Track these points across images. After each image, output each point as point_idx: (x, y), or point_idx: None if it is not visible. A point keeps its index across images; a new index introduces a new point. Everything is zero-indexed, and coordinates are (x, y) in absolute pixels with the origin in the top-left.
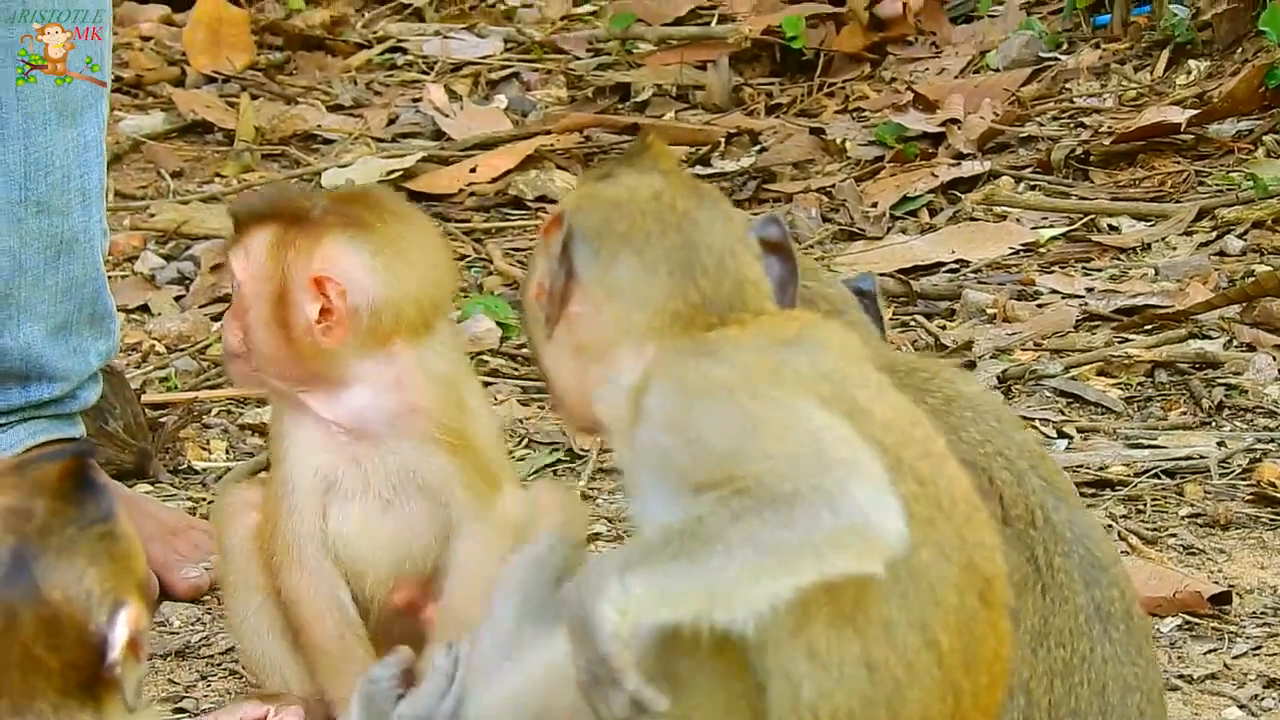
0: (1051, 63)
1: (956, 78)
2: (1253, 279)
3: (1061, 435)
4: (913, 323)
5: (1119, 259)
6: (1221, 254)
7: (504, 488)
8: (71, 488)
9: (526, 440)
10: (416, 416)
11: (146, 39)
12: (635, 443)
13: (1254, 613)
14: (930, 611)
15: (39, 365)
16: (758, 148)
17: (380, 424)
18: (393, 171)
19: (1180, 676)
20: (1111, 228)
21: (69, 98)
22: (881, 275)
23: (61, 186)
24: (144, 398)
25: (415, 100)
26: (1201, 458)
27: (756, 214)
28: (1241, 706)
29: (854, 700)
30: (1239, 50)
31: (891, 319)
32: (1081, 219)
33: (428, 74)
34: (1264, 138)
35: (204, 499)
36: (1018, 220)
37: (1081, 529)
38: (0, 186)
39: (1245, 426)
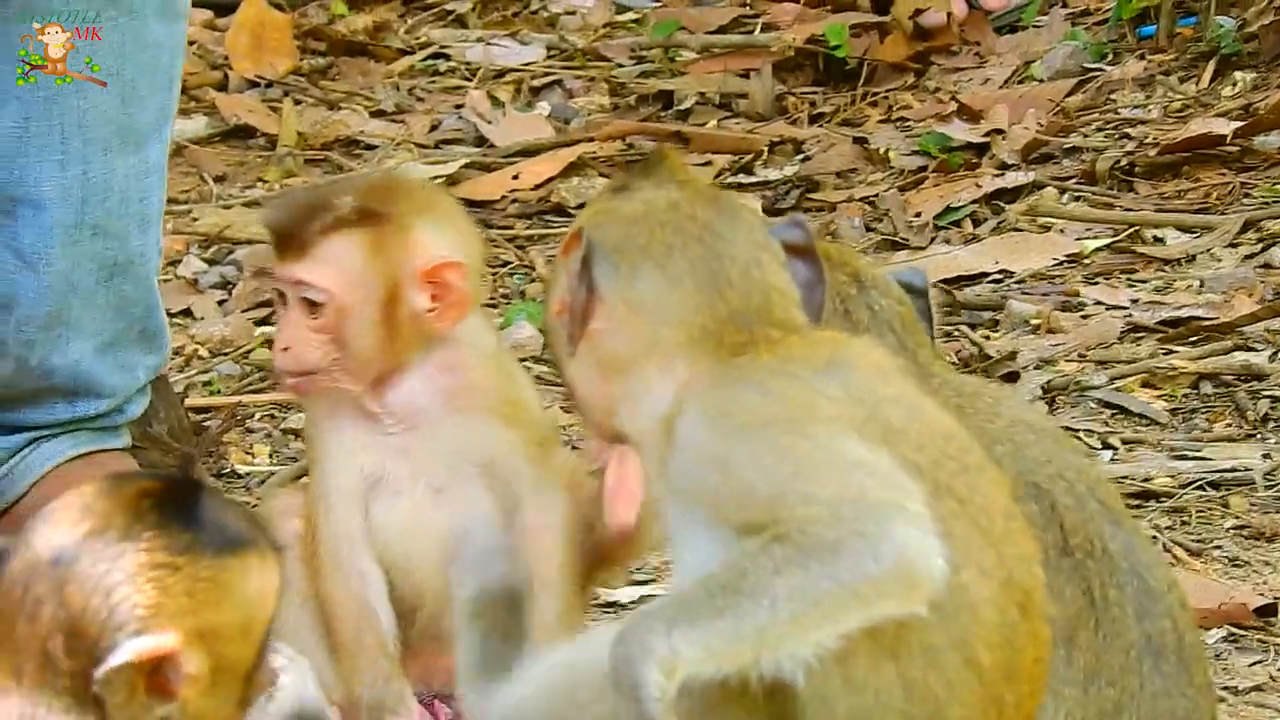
0: (1096, 73)
1: (1001, 88)
2: None
3: (1106, 446)
4: (956, 333)
5: (1164, 270)
6: (1267, 266)
7: (557, 450)
8: (154, 509)
9: (570, 446)
10: (473, 393)
11: (190, 43)
12: (669, 470)
13: None
14: (971, 630)
15: (86, 382)
16: (801, 157)
17: (436, 407)
18: (435, 178)
19: (1225, 688)
20: (1156, 239)
21: (134, 124)
22: None
23: (120, 211)
24: (187, 402)
25: (458, 106)
26: (1247, 470)
27: None
28: None
29: (892, 718)
30: None
31: (935, 329)
32: (1126, 230)
33: (470, 80)
34: None
35: (247, 503)
36: (1062, 231)
37: (1137, 557)
38: (58, 209)
39: None
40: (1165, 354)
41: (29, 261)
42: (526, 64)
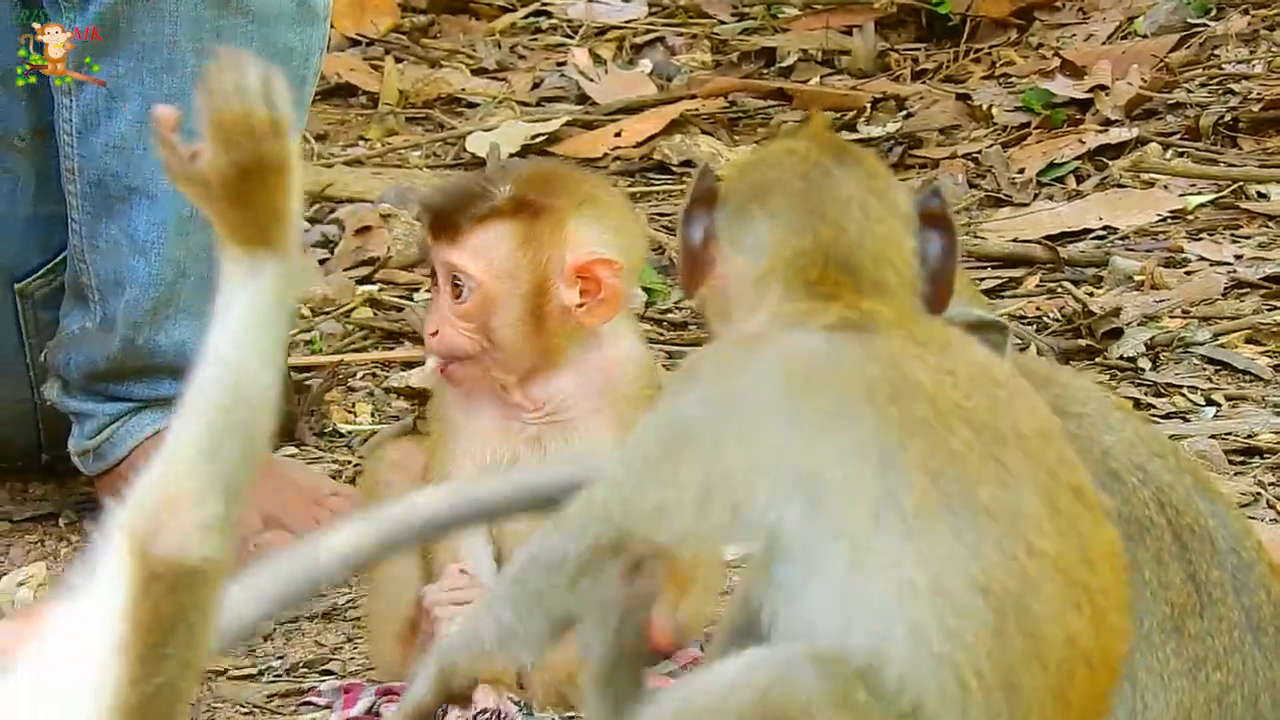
0: (1200, 29)
1: (1104, 44)
2: None
3: (1210, 403)
4: (1060, 289)
5: (1267, 226)
6: None
7: None
8: None
9: None
10: (617, 396)
11: None
12: None
13: None
14: (1023, 525)
15: (191, 360)
16: (904, 113)
17: (580, 405)
18: (537, 135)
19: None
20: (1260, 194)
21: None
22: (1028, 241)
23: None
24: (289, 360)
25: (560, 64)
26: None
27: (904, 179)
28: None
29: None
30: None
31: (1038, 285)
32: (1230, 186)
33: (572, 38)
34: None
35: (349, 462)
36: (1165, 187)
37: (1229, 530)
38: (172, 202)
39: None
40: (1269, 310)
41: (141, 249)
42: (628, 21)
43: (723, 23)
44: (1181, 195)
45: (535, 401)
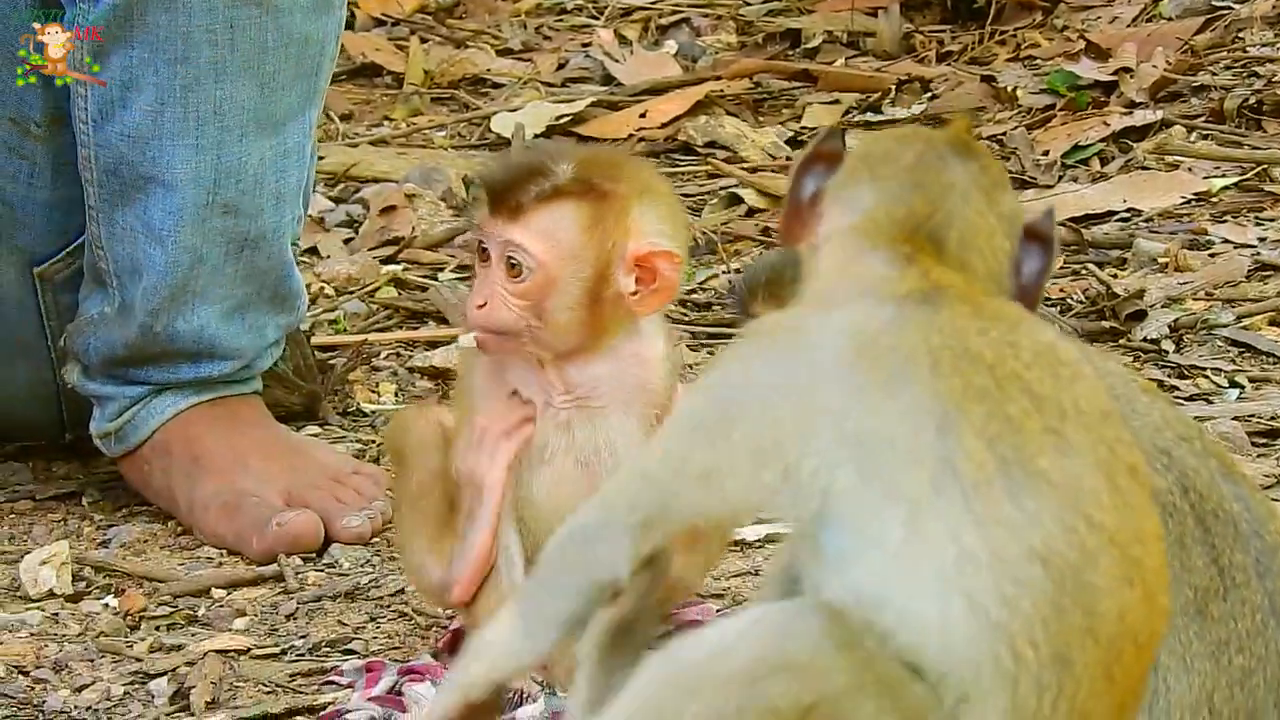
0: (1225, 11)
1: (1129, 26)
2: None
3: (1233, 385)
4: (1084, 271)
5: None
6: None
7: None
8: None
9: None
10: (646, 394)
11: None
12: None
13: None
14: (1082, 498)
15: (211, 345)
16: (928, 95)
17: (611, 394)
18: (562, 116)
19: None
20: None
21: (274, 111)
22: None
23: (254, 192)
24: (313, 340)
25: (585, 45)
26: None
27: None
28: None
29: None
30: None
31: (1063, 267)
32: (1254, 168)
33: (597, 19)
34: None
35: (373, 441)
36: (1190, 169)
37: (1254, 513)
38: (188, 190)
39: None
40: None
41: (157, 236)
42: (654, 2)
43: (748, 4)
44: (1205, 178)
45: (569, 384)
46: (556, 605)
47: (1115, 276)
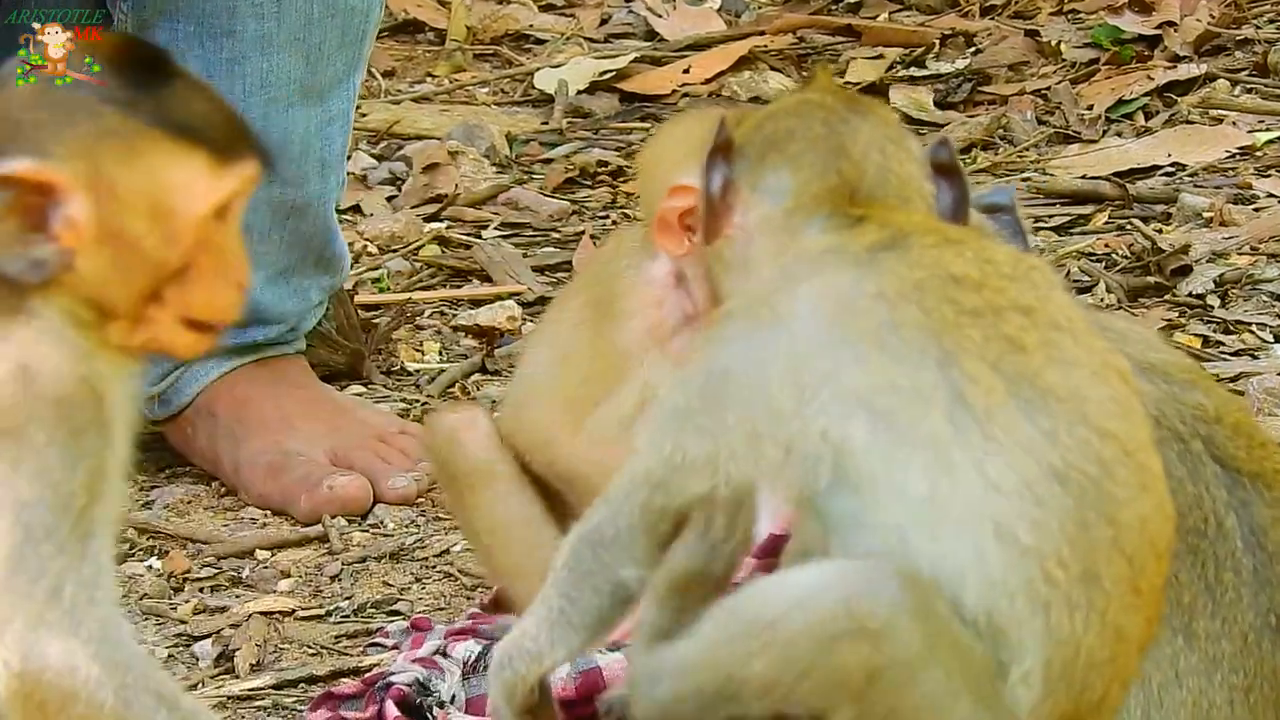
0: None
1: None
2: None
3: (1278, 340)
4: (1129, 226)
5: None
6: None
7: None
8: (121, 57)
9: None
10: None
11: None
12: None
13: None
14: (1090, 408)
15: (255, 310)
16: (972, 50)
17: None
18: (605, 72)
19: None
20: None
21: (318, 81)
22: (1097, 178)
23: (299, 161)
24: (356, 299)
25: (628, 0)
26: None
27: (973, 116)
28: None
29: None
30: None
31: (1107, 222)
32: None
33: None
34: None
35: (417, 401)
36: (1234, 124)
37: (1254, 521)
38: None
39: None
40: None
41: None
42: None
43: None
44: (1250, 132)
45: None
46: (581, 611)
47: (1160, 231)
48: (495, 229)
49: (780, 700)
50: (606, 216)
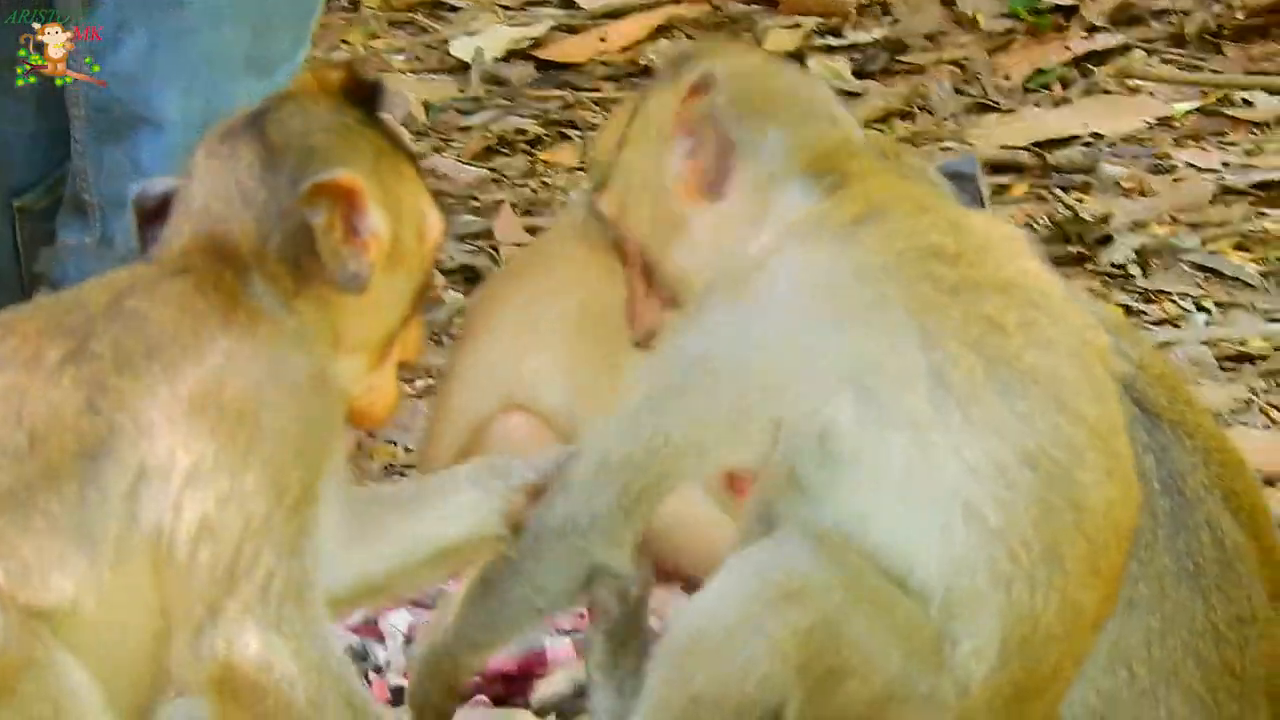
0: None
1: None
2: None
3: (1200, 309)
4: (1049, 196)
5: (1254, 133)
6: None
7: None
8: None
9: None
10: None
11: None
12: None
13: None
14: (1064, 391)
15: None
16: (889, 19)
17: None
18: (521, 40)
19: None
20: (1245, 102)
21: (266, 54)
22: (1016, 148)
23: None
24: None
25: None
26: None
27: (890, 85)
28: None
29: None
30: None
31: (1027, 192)
32: (1215, 93)
33: None
34: None
35: None
36: (1151, 94)
37: (1172, 465)
38: (177, 133)
39: None
40: (1258, 216)
41: (145, 174)
42: None
43: None
44: (1168, 102)
45: None
46: (550, 599)
47: (1080, 201)
48: None
49: (736, 709)
50: (525, 185)
